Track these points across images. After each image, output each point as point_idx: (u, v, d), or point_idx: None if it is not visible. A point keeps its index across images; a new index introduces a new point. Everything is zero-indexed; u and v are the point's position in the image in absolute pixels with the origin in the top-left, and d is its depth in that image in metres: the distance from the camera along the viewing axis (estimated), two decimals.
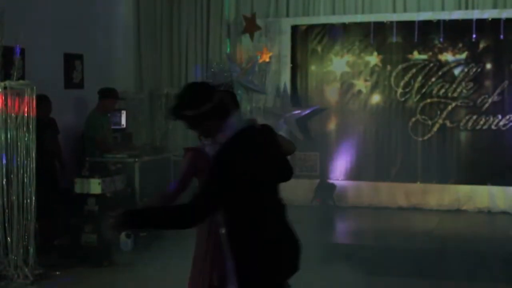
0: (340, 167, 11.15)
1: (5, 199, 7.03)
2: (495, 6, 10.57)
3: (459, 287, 6.74)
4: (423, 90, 10.83)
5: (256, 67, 11.23)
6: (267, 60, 11.24)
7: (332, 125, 11.30)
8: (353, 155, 11.09)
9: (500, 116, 10.53)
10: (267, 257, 3.30)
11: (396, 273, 6.76)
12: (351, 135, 11.10)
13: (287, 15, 11.40)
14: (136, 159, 8.73)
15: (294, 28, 11.32)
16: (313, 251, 7.47)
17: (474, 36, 10.48)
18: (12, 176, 7.04)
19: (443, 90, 10.76)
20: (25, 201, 7.07)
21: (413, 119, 10.89)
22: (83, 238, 7.97)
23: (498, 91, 10.54)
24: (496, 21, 10.39)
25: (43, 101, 8.14)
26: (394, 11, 10.97)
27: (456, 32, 10.62)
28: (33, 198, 7.09)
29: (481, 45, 10.60)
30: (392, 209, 10.75)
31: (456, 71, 10.71)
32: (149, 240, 8.12)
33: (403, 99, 10.93)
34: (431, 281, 6.90)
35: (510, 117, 10.48)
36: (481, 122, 10.61)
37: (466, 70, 10.65)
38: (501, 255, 7.64)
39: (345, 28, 11.11)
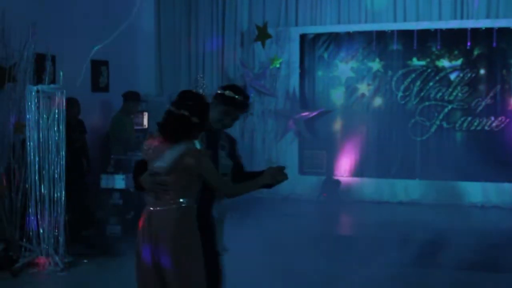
0: (344, 165, 11.16)
1: (37, 193, 7.10)
2: (488, 16, 10.53)
3: (451, 275, 6.75)
4: (422, 94, 10.82)
5: (267, 72, 11.26)
6: (278, 66, 11.27)
7: (337, 126, 11.30)
8: (356, 154, 11.09)
9: (493, 118, 10.51)
10: None
11: (395, 263, 6.76)
12: (355, 135, 11.09)
13: (296, 24, 11.40)
14: None
15: (303, 36, 11.32)
16: (319, 242, 7.55)
17: (469, 44, 10.47)
18: (43, 172, 7.11)
19: (440, 94, 10.75)
20: (55, 195, 7.14)
21: (412, 121, 10.88)
22: (108, 229, 8.04)
23: (491, 94, 10.52)
24: (489, 30, 10.37)
25: (72, 104, 8.19)
26: (395, 20, 10.96)
27: (452, 40, 10.60)
28: (63, 193, 7.17)
29: (475, 52, 10.58)
30: (392, 203, 10.74)
31: (452, 76, 10.70)
32: None
33: (403, 102, 10.92)
34: (426, 270, 6.92)
35: (502, 119, 10.47)
36: (475, 123, 10.59)
37: (461, 75, 10.64)
38: (493, 246, 7.65)
39: (350, 36, 11.13)
